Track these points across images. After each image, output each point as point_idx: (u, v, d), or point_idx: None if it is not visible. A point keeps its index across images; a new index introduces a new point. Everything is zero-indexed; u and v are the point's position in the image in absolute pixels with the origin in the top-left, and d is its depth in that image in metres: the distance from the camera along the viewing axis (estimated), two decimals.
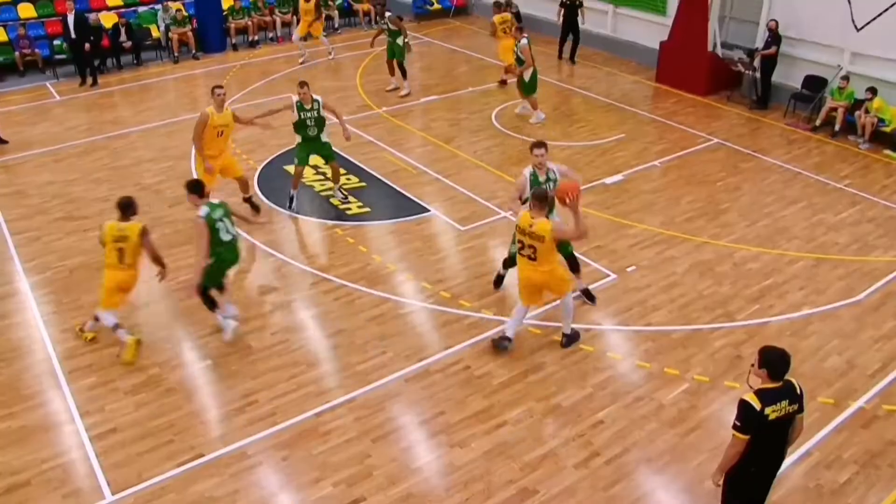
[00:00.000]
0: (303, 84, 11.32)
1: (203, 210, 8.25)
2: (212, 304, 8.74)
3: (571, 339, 8.64)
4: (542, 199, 7.86)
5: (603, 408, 7.75)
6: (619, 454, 7.17)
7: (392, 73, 16.89)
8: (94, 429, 7.51)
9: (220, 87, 10.99)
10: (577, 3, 18.57)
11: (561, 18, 18.89)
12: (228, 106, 11.10)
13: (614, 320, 9.15)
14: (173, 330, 9.05)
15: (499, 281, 9.74)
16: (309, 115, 11.31)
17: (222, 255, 8.50)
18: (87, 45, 17.50)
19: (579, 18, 18.66)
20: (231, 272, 8.90)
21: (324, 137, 11.60)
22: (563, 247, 8.76)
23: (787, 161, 13.51)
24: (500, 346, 8.50)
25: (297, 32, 19.44)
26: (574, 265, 9.24)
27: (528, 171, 8.97)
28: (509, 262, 9.35)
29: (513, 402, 7.83)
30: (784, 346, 8.35)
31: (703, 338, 8.81)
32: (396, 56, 16.50)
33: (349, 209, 11.77)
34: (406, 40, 16.37)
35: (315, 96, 11.31)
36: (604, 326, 9.07)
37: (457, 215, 11.58)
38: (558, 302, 8.60)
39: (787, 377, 5.34)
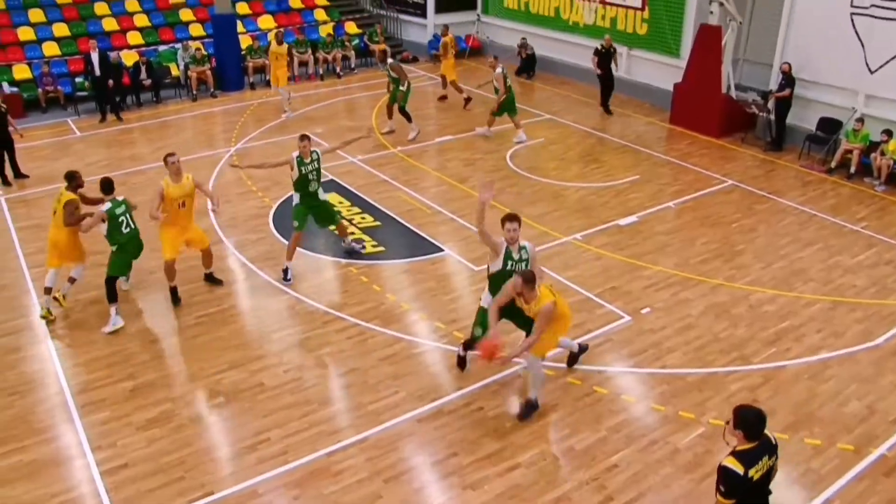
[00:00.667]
0: (304, 137, 10.63)
1: (106, 206, 9.57)
2: (113, 296, 9.71)
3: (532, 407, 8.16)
4: (531, 281, 7.41)
5: (617, 451, 7.66)
6: (633, 499, 7.07)
7: (390, 115, 17.01)
8: (105, 464, 7.48)
9: (173, 154, 10.08)
10: (612, 49, 18.19)
11: (597, 67, 18.34)
12: (188, 174, 10.10)
13: (629, 362, 9.09)
14: (186, 366, 9.05)
15: (462, 363, 8.93)
16: (310, 168, 10.63)
17: (124, 246, 9.76)
18: (110, 83, 17.81)
19: (613, 66, 18.29)
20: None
21: (321, 194, 10.99)
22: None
23: (802, 203, 13.48)
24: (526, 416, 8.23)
25: (274, 83, 18.58)
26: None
27: (502, 243, 8.08)
28: (470, 344, 8.72)
29: (526, 445, 7.75)
30: (802, 389, 8.34)
31: (718, 381, 8.73)
32: (397, 102, 16.50)
33: (364, 248, 11.79)
34: (403, 88, 16.29)
35: (314, 148, 10.74)
36: (618, 369, 9.00)
37: (471, 255, 11.59)
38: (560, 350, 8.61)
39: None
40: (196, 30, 22.15)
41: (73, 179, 9.99)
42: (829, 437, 7.83)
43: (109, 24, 21.43)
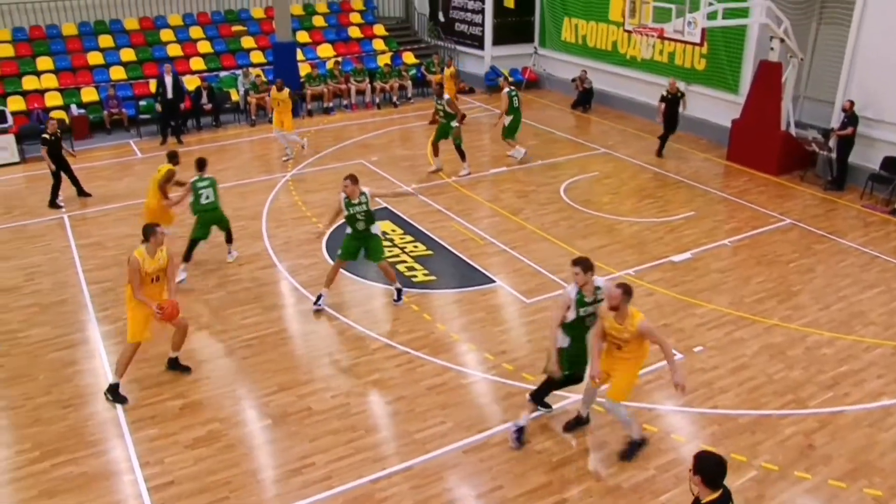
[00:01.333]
0: (349, 178, 10.42)
1: (193, 178, 11.50)
2: (188, 257, 11.64)
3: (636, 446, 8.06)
4: (629, 294, 7.30)
5: (665, 491, 7.48)
6: None
7: (436, 153, 16.42)
8: (152, 480, 7.57)
9: (158, 225, 8.94)
10: (679, 94, 17.43)
11: (661, 116, 17.47)
12: (165, 246, 8.90)
13: (679, 401, 8.90)
14: (235, 387, 9.13)
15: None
16: (357, 209, 10.45)
17: (203, 215, 11.63)
18: (182, 105, 18.75)
19: (681, 108, 17.45)
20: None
21: (374, 230, 10.78)
22: None
23: (863, 244, 13.15)
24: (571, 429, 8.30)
25: (276, 127, 17.63)
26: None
27: (572, 289, 7.72)
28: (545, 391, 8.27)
29: (573, 480, 7.63)
30: (861, 436, 8.09)
31: (772, 424, 8.50)
32: (452, 138, 15.95)
33: (415, 277, 11.80)
34: (456, 124, 15.90)
35: (363, 189, 10.48)
36: (668, 407, 8.82)
37: (522, 287, 11.53)
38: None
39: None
40: (257, 57, 22.67)
41: (174, 157, 12.27)
42: (890, 487, 7.54)
43: (174, 50, 22.08)
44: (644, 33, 16.16)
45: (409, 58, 24.37)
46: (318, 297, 10.89)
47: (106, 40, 21.75)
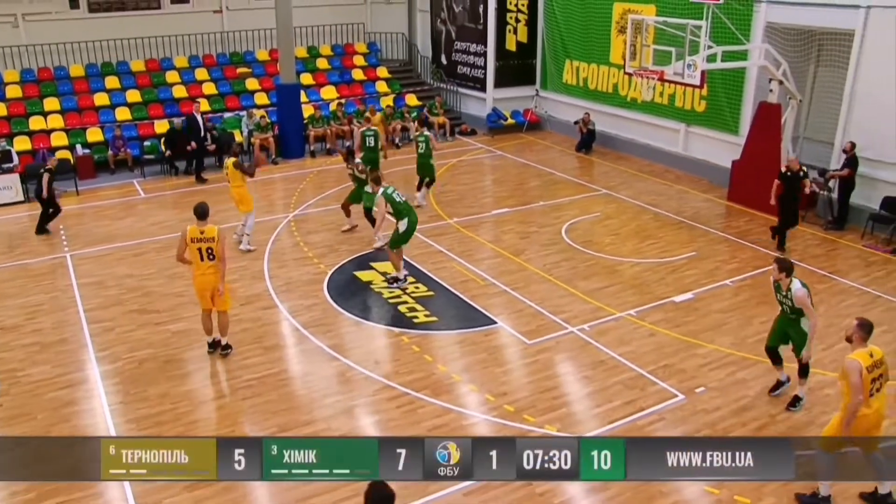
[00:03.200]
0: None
1: (380, 190, 12.17)
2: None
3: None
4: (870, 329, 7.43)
5: None
6: None
7: (347, 214, 15.36)
8: None
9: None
10: (802, 173, 14.46)
11: (775, 198, 14.63)
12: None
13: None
14: (235, 428, 9.10)
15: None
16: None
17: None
18: (209, 146, 19.55)
19: (807, 190, 14.75)
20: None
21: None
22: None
23: (865, 283, 13.13)
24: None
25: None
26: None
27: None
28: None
29: None
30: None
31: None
32: (364, 203, 14.75)
33: (416, 318, 11.79)
34: (371, 191, 13.62)
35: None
36: None
37: (524, 328, 11.50)
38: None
39: None
40: (261, 98, 22.90)
41: (231, 148, 15.13)
42: None
43: (179, 92, 22.33)
44: (644, 76, 16.31)
45: (411, 100, 24.59)
46: (401, 279, 12.84)
47: (112, 81, 22.02)
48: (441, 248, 14.49)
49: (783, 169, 14.82)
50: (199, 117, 19.27)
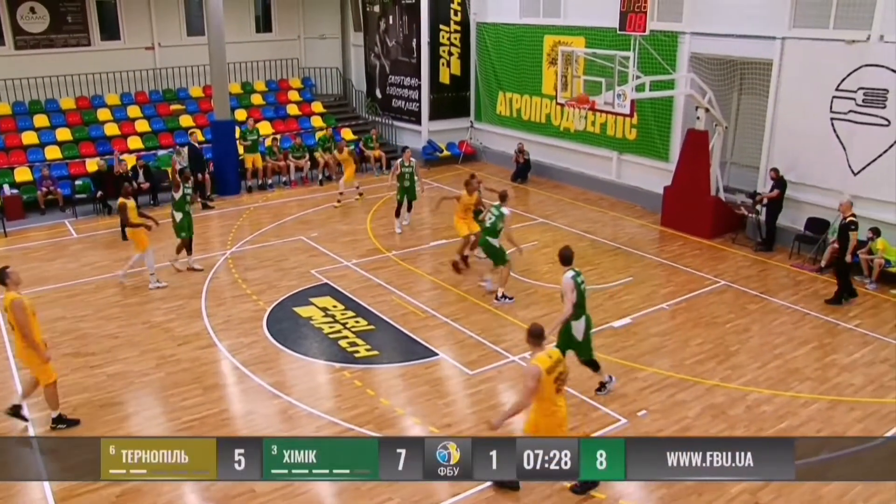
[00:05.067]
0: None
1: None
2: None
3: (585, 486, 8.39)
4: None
5: None
6: None
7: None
8: None
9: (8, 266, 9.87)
10: (850, 224, 13.35)
11: (829, 258, 14.47)
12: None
13: None
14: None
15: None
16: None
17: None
18: (200, 176, 19.65)
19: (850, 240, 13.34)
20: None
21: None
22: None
23: (794, 302, 13.54)
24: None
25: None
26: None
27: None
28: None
29: None
30: (806, 491, 8.18)
31: (718, 484, 8.54)
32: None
33: (357, 352, 11.72)
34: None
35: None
36: None
37: (465, 359, 11.53)
38: None
39: None
40: (195, 136, 22.59)
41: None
42: None
43: (111, 129, 21.96)
44: (576, 106, 16.66)
45: (347, 134, 24.60)
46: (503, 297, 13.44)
47: (41, 120, 21.54)
48: (380, 282, 14.46)
49: (837, 214, 14.03)
50: (197, 145, 19.74)
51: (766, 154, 16.70)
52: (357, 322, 12.72)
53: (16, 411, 9.86)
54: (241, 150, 20.65)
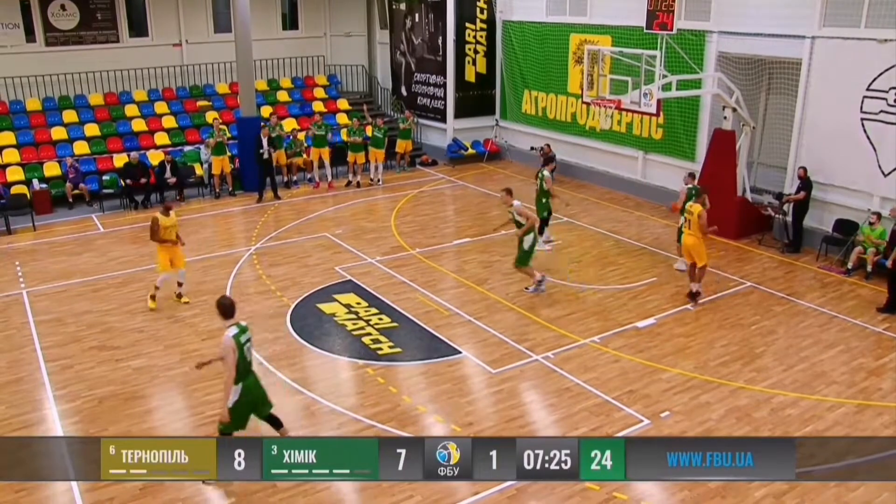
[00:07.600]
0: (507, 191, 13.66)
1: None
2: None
3: None
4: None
5: None
6: None
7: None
8: None
9: None
10: None
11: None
12: None
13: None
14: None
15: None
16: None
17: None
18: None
19: None
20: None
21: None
22: None
23: (821, 304, 13.38)
24: None
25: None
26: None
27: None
28: None
29: None
30: (830, 497, 8.09)
31: (741, 487, 8.47)
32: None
33: (380, 349, 11.74)
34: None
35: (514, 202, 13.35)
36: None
37: (488, 357, 11.51)
38: None
39: None
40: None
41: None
42: None
43: (138, 125, 22.17)
44: (602, 105, 16.57)
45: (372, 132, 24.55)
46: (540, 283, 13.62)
47: (70, 115, 21.81)
48: (404, 279, 14.48)
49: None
50: (265, 138, 19.65)
51: (793, 154, 16.50)
52: (380, 319, 12.74)
53: None
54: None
